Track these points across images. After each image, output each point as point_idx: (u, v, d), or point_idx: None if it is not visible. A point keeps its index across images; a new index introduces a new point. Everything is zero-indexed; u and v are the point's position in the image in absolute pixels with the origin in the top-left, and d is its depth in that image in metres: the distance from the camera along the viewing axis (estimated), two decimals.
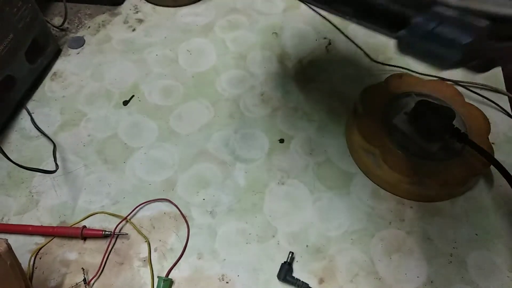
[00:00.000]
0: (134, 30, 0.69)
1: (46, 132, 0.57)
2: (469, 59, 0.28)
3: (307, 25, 0.70)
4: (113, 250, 0.48)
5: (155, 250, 0.48)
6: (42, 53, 0.62)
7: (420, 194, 0.50)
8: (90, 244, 0.48)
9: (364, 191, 0.52)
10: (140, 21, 0.70)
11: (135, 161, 0.54)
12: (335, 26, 0.69)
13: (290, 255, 0.46)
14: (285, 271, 0.45)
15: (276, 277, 0.45)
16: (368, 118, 0.53)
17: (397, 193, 0.51)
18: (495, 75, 0.63)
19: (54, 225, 0.49)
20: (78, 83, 0.62)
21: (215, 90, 0.62)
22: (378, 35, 0.69)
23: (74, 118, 0.59)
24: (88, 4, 0.73)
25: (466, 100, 0.56)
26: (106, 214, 0.50)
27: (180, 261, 0.47)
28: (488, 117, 0.54)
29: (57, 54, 0.66)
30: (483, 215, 0.50)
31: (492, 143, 0.52)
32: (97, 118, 0.59)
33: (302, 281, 0.45)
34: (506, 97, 0.61)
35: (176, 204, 0.51)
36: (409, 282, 0.46)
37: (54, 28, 0.69)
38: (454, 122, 0.49)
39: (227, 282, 0.46)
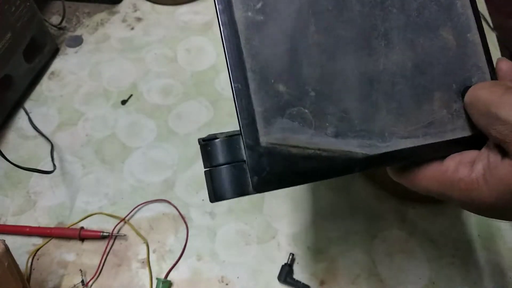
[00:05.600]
0: (132, 29, 0.68)
1: (44, 132, 0.56)
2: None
3: None
4: (111, 251, 0.47)
5: (154, 251, 0.47)
6: (40, 52, 0.61)
7: (422, 195, 0.50)
8: (88, 245, 0.48)
9: (365, 191, 0.51)
10: (139, 19, 0.70)
11: (133, 161, 0.54)
12: None
13: (290, 257, 0.46)
14: (286, 273, 0.45)
15: (277, 279, 0.45)
16: None
17: (399, 193, 0.51)
18: None
19: (52, 226, 0.49)
20: (76, 82, 0.62)
21: (215, 89, 0.61)
22: None
23: (71, 118, 0.58)
24: (87, 2, 0.72)
25: None
26: (104, 215, 0.50)
27: (179, 262, 0.46)
28: None
29: (55, 53, 0.65)
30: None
31: None
32: (95, 118, 0.58)
33: (303, 283, 0.44)
34: None
35: (175, 205, 0.50)
36: (411, 284, 0.45)
37: (52, 27, 0.68)
38: None
39: (226, 284, 0.45)
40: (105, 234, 0.47)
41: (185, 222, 0.49)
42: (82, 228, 0.48)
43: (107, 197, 0.51)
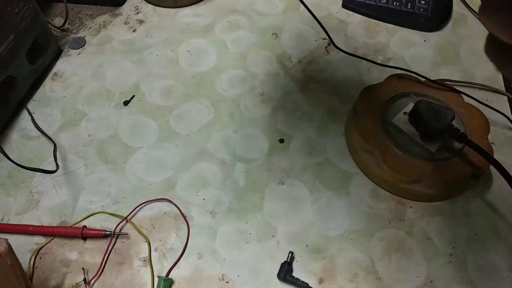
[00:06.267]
0: (134, 30, 0.69)
1: (47, 132, 0.57)
2: None
3: (307, 25, 0.70)
4: (113, 250, 0.48)
5: (155, 250, 0.48)
6: (43, 54, 0.62)
7: (420, 194, 0.50)
8: (90, 244, 0.48)
9: (363, 191, 0.52)
10: (141, 21, 0.71)
11: (135, 161, 0.55)
12: (325, 30, 0.69)
13: (290, 255, 0.46)
14: (285, 271, 0.45)
15: (276, 277, 0.45)
16: (368, 118, 0.53)
17: (397, 193, 0.52)
18: (494, 75, 0.63)
19: (54, 225, 0.50)
20: (78, 83, 0.63)
21: (215, 91, 0.62)
22: (378, 36, 0.69)
23: (74, 118, 0.59)
24: (89, 5, 0.73)
25: (465, 100, 0.56)
26: (106, 214, 0.50)
27: (180, 261, 0.47)
28: (487, 117, 0.54)
29: (58, 54, 0.66)
30: (483, 215, 0.50)
31: (492, 143, 0.52)
32: (97, 118, 0.59)
33: (302, 281, 0.45)
34: (506, 97, 0.61)
35: (176, 204, 0.51)
36: (408, 282, 0.46)
37: (55, 29, 0.69)
38: (453, 122, 0.49)
39: (227, 282, 0.46)
40: (107, 232, 0.47)
41: (186, 221, 0.50)
42: (84, 227, 0.48)
43: (110, 196, 0.52)
